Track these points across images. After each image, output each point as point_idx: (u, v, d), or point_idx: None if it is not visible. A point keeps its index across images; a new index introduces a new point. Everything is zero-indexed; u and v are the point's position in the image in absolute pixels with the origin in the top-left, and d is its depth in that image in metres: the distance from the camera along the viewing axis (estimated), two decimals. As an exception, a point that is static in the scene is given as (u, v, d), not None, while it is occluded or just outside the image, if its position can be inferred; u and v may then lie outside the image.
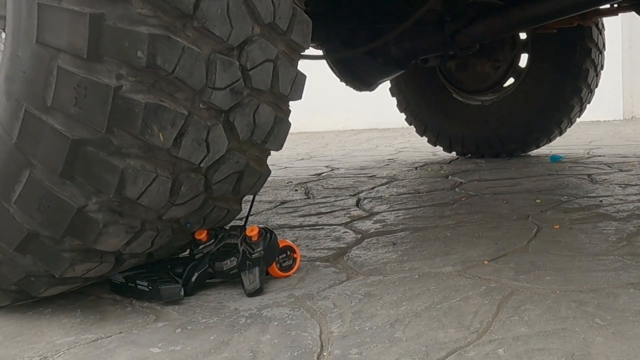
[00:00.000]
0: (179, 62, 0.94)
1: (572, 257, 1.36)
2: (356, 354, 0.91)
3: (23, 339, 1.06)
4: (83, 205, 0.99)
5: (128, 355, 0.96)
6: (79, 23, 0.90)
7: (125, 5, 0.90)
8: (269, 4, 1.04)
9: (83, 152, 0.95)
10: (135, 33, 0.90)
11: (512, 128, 3.48)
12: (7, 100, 0.98)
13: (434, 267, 1.35)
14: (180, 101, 0.97)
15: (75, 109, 0.93)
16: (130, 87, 0.92)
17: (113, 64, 0.91)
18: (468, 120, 3.62)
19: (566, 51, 3.23)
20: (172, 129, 0.97)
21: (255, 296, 1.18)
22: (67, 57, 0.91)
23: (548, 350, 0.88)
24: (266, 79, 1.08)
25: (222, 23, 0.97)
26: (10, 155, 0.99)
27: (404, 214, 2.01)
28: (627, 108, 7.74)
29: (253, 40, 1.03)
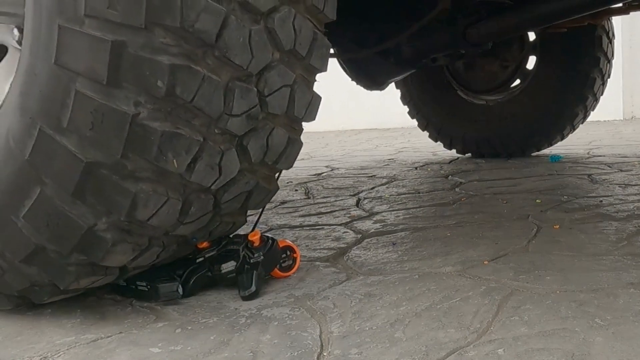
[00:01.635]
0: (198, 91, 0.93)
1: (572, 257, 1.36)
2: (356, 354, 0.91)
3: (23, 339, 1.06)
4: (92, 225, 0.99)
5: (128, 355, 0.96)
6: (100, 49, 0.88)
7: (148, 34, 0.88)
8: (290, 31, 1.02)
9: (96, 174, 0.95)
10: (157, 63, 0.89)
11: (514, 130, 3.48)
12: (21, 115, 0.98)
13: (434, 267, 1.35)
14: (196, 127, 0.96)
15: (91, 132, 0.92)
16: (148, 114, 0.92)
17: (132, 91, 0.90)
18: (470, 119, 3.61)
19: (575, 58, 3.21)
20: (186, 155, 0.96)
21: (250, 300, 1.17)
22: (86, 82, 0.90)
23: (548, 350, 0.88)
24: (282, 103, 1.07)
25: (243, 52, 0.96)
26: (20, 170, 0.99)
27: (404, 214, 2.01)
28: (627, 108, 7.74)
29: (272, 67, 1.02)
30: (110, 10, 0.88)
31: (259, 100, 1.02)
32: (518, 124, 3.45)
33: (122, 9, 0.88)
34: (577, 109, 3.34)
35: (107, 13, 0.88)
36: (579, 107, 3.33)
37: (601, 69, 3.24)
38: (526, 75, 3.44)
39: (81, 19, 0.89)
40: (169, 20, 0.88)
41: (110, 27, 0.88)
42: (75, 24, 0.89)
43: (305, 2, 1.05)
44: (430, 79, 3.68)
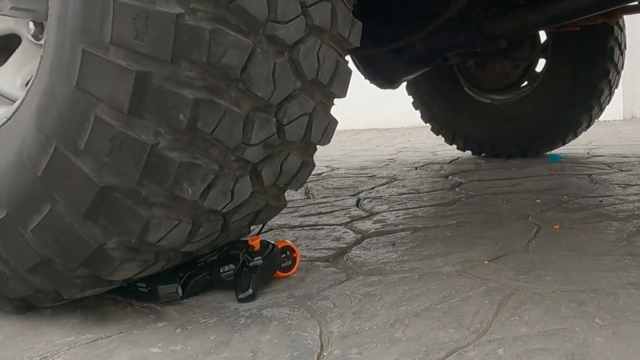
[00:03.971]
0: (219, 123, 0.92)
1: (572, 257, 1.36)
2: (356, 354, 0.91)
3: (23, 339, 1.06)
4: (102, 244, 0.99)
5: (128, 355, 0.96)
6: (124, 79, 0.87)
7: (174, 67, 0.87)
8: (314, 61, 1.02)
9: (110, 198, 0.94)
10: (180, 96, 0.88)
11: (516, 131, 3.47)
12: (37, 132, 0.97)
13: (434, 267, 1.35)
14: (213, 157, 0.96)
15: (108, 158, 0.91)
16: (167, 144, 0.91)
17: (153, 121, 0.89)
18: (475, 117, 3.60)
19: (585, 67, 3.19)
20: (201, 184, 0.96)
21: (246, 302, 1.16)
22: (107, 108, 0.89)
23: (548, 350, 0.88)
24: (300, 131, 1.06)
25: (267, 84, 0.95)
26: (32, 186, 0.98)
27: (404, 214, 2.01)
28: (627, 108, 7.74)
29: (293, 97, 1.02)
30: (137, 40, 0.86)
31: (277, 129, 1.01)
32: (522, 126, 3.44)
33: (149, 41, 0.86)
34: (582, 118, 3.34)
35: (133, 43, 0.86)
36: (584, 116, 3.33)
37: (610, 80, 3.23)
38: (534, 78, 3.43)
39: (106, 46, 0.87)
40: (195, 55, 0.87)
41: (135, 57, 0.87)
42: (100, 50, 0.88)
43: (331, 31, 1.04)
44: (437, 72, 3.66)
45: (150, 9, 0.85)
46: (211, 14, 0.87)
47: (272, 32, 0.93)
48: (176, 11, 0.85)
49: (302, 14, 0.97)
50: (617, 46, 3.18)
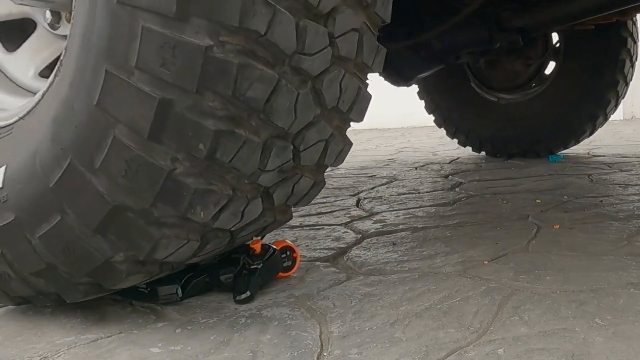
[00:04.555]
0: (237, 153, 0.92)
1: (572, 257, 1.36)
2: (356, 354, 0.91)
3: (23, 339, 1.06)
4: (109, 257, 0.99)
5: (128, 355, 0.96)
6: (146, 104, 0.86)
7: (197, 98, 0.86)
8: (336, 91, 1.01)
9: (121, 217, 0.94)
10: (202, 126, 0.87)
11: (519, 132, 3.47)
12: (52, 143, 0.96)
13: (434, 267, 1.35)
14: (228, 182, 0.95)
15: (123, 179, 0.91)
16: (183, 170, 0.90)
17: (172, 148, 0.89)
18: (479, 115, 3.59)
19: (594, 75, 3.19)
20: (214, 208, 0.96)
21: (243, 304, 1.16)
22: (126, 131, 0.88)
23: (548, 350, 0.88)
24: (315, 156, 1.06)
25: (288, 115, 0.94)
26: (43, 195, 0.97)
27: (404, 214, 2.01)
28: (627, 108, 7.75)
29: (312, 124, 1.01)
30: (162, 68, 0.85)
31: (293, 155, 1.01)
32: (524, 127, 3.44)
33: (175, 70, 0.85)
34: (585, 126, 3.35)
35: (159, 71, 0.85)
36: (588, 124, 3.34)
37: (618, 91, 3.23)
38: (543, 80, 3.42)
39: (131, 69, 0.86)
40: (221, 87, 0.86)
41: (159, 84, 0.86)
42: (124, 72, 0.87)
43: (356, 60, 1.03)
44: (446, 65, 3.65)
45: (179, 38, 0.84)
46: (240, 47, 0.85)
47: (298, 64, 0.92)
48: (205, 43, 0.84)
49: (330, 44, 0.95)
50: (628, 58, 3.17)
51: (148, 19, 0.84)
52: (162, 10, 0.83)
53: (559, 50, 3.34)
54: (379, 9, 1.03)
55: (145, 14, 0.84)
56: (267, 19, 0.85)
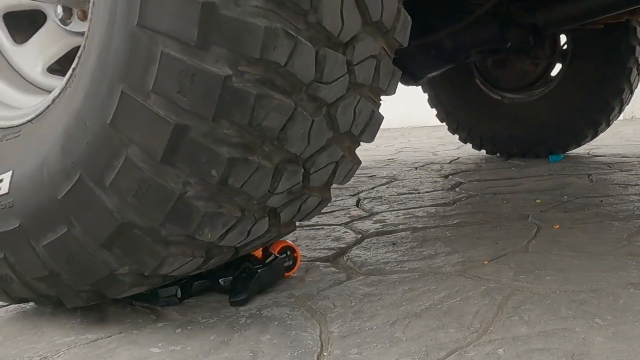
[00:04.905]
0: (249, 179, 0.92)
1: (572, 257, 1.36)
2: (356, 354, 0.91)
3: (23, 339, 1.06)
4: (114, 270, 0.99)
5: (128, 355, 0.96)
6: (161, 128, 0.86)
7: (213, 125, 0.85)
8: (350, 116, 1.00)
9: (129, 234, 0.94)
10: (216, 153, 0.87)
11: (522, 132, 3.47)
12: (62, 155, 0.95)
13: (434, 267, 1.35)
14: (237, 203, 0.95)
15: (133, 199, 0.91)
16: (194, 194, 0.90)
17: (184, 172, 0.88)
18: (482, 112, 3.58)
19: (600, 80, 3.18)
20: (222, 229, 0.96)
21: (237, 306, 1.15)
22: (139, 152, 0.88)
23: (548, 350, 0.88)
24: (324, 177, 1.06)
25: (301, 141, 0.94)
26: (50, 206, 0.97)
27: (404, 214, 2.01)
28: (628, 108, 7.72)
29: (324, 149, 1.01)
30: (179, 95, 0.84)
31: (303, 177, 1.01)
32: (527, 127, 3.44)
33: (192, 97, 0.84)
34: (587, 131, 3.35)
35: (176, 96, 0.84)
36: (590, 130, 3.34)
37: (622, 99, 3.23)
38: (549, 82, 3.42)
39: (147, 92, 0.85)
40: (237, 117, 0.86)
41: (175, 110, 0.85)
42: (140, 95, 0.86)
43: (371, 85, 1.03)
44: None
45: (198, 67, 0.83)
46: (259, 76, 0.85)
47: (314, 92, 0.91)
48: (224, 73, 0.83)
49: (347, 72, 0.95)
50: (635, 67, 3.17)
51: (168, 44, 0.83)
52: (183, 37, 0.82)
53: (566, 53, 3.33)
54: (397, 35, 1.02)
55: (166, 39, 0.83)
56: (288, 51, 0.84)
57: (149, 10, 0.84)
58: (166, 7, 0.82)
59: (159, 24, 0.83)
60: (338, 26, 0.89)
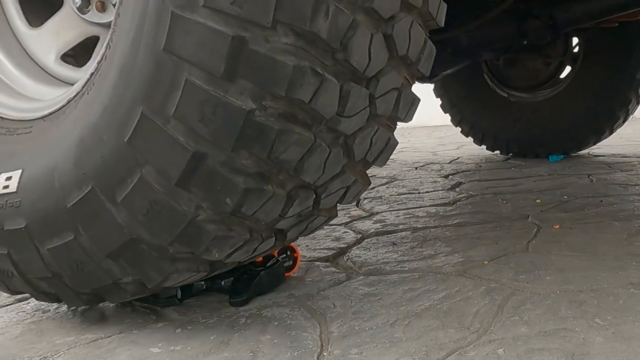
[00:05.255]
0: (262, 207, 0.92)
1: (572, 257, 1.36)
2: (356, 354, 0.91)
3: (23, 339, 1.06)
4: (118, 279, 0.99)
5: (128, 355, 0.96)
6: (179, 154, 0.85)
7: (232, 155, 0.85)
8: (366, 145, 1.00)
9: (137, 248, 0.94)
10: (232, 183, 0.87)
11: (523, 132, 3.46)
12: (74, 165, 0.94)
13: (434, 267, 1.35)
14: (247, 226, 0.95)
15: (144, 217, 0.90)
16: (205, 217, 0.90)
17: (198, 196, 0.88)
18: (486, 108, 3.57)
19: (608, 89, 3.18)
20: (229, 250, 0.97)
21: (237, 306, 1.15)
22: (153, 173, 0.87)
23: (548, 350, 0.88)
24: (334, 200, 1.06)
25: (316, 171, 0.94)
26: (58, 213, 0.96)
27: (404, 214, 2.01)
28: (627, 108, 7.72)
29: (337, 176, 1.00)
30: (200, 124, 0.83)
31: (314, 202, 1.01)
32: (529, 128, 3.44)
33: (213, 127, 0.83)
34: (590, 138, 3.36)
35: (196, 124, 0.83)
36: (593, 137, 3.35)
37: (628, 109, 3.23)
38: (556, 84, 3.41)
39: (168, 117, 0.84)
40: (257, 149, 0.85)
41: (195, 138, 0.84)
42: (160, 118, 0.85)
43: (390, 115, 1.02)
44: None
45: (222, 98, 0.82)
46: (282, 111, 0.84)
47: (334, 125, 0.91)
48: (248, 107, 0.82)
49: (369, 105, 0.94)
50: None
51: (193, 72, 0.82)
52: (209, 68, 0.81)
53: (577, 57, 3.33)
54: (422, 66, 1.02)
55: (191, 67, 0.82)
56: (314, 88, 0.84)
57: (176, 36, 0.82)
58: (195, 36, 0.81)
59: (186, 52, 0.82)
60: (365, 63, 0.88)
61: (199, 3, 0.80)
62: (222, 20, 0.80)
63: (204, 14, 0.80)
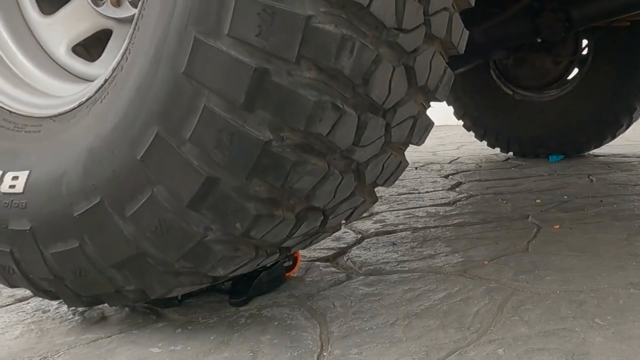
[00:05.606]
0: (271, 231, 0.92)
1: (572, 257, 1.36)
2: (356, 354, 0.91)
3: (23, 339, 1.06)
4: (120, 287, 0.99)
5: (128, 355, 0.96)
6: (192, 178, 0.85)
7: (245, 183, 0.85)
8: (378, 170, 1.00)
9: (142, 261, 0.94)
10: (243, 209, 0.87)
11: (525, 132, 3.46)
12: (84, 175, 0.93)
13: (434, 267, 1.35)
14: (253, 245, 0.95)
15: (152, 234, 0.90)
16: (214, 238, 0.90)
17: (208, 218, 0.88)
18: (491, 106, 3.57)
19: (614, 95, 3.18)
20: (234, 267, 0.98)
21: (237, 306, 1.16)
22: (165, 193, 0.87)
23: (548, 350, 0.88)
24: (340, 219, 1.07)
25: (327, 197, 0.94)
26: (64, 220, 0.96)
27: (404, 214, 2.01)
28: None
29: (347, 198, 1.00)
30: (216, 150, 0.83)
31: (320, 224, 1.01)
32: (532, 127, 3.44)
33: (228, 155, 0.83)
34: (591, 142, 3.37)
35: (211, 150, 0.83)
36: (594, 141, 3.36)
37: (632, 117, 3.24)
38: (562, 85, 3.41)
39: (183, 140, 0.84)
40: (271, 178, 0.85)
41: (209, 163, 0.84)
42: (175, 141, 0.84)
43: (405, 141, 1.02)
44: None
45: (240, 127, 0.81)
46: (298, 142, 0.84)
47: (349, 154, 0.90)
48: (266, 138, 0.81)
49: (385, 134, 0.94)
50: None
51: (212, 99, 0.81)
52: (229, 97, 0.80)
53: (585, 59, 3.32)
54: (439, 94, 1.02)
55: (211, 94, 0.81)
56: (333, 122, 0.83)
57: (198, 61, 0.81)
58: (217, 63, 0.80)
59: (207, 78, 0.81)
60: (385, 95, 0.88)
61: (223, 31, 0.79)
62: (245, 51, 0.79)
63: (228, 43, 0.79)
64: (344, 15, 0.79)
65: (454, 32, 0.98)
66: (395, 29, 0.83)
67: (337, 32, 0.78)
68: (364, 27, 0.81)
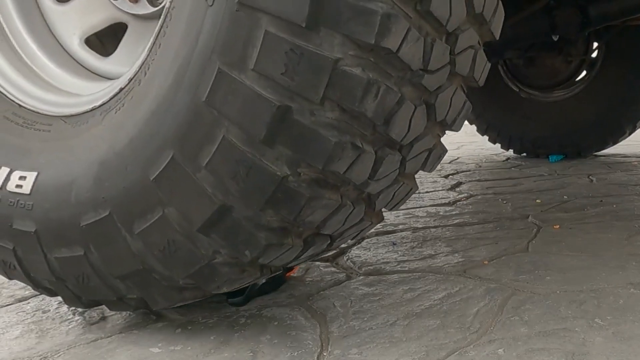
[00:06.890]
0: (278, 257, 0.92)
1: (572, 257, 1.36)
2: (356, 354, 0.91)
3: (23, 339, 1.06)
4: (122, 295, 0.99)
5: (128, 355, 0.96)
6: (205, 204, 0.85)
7: (258, 214, 0.85)
8: (388, 198, 1.00)
9: (147, 276, 0.94)
10: (255, 239, 0.87)
11: (527, 131, 3.46)
12: (94, 186, 0.93)
13: (434, 267, 1.35)
14: (259, 266, 0.95)
15: (160, 254, 0.90)
16: (222, 260, 0.90)
17: (217, 243, 0.88)
18: (495, 102, 3.56)
19: (620, 101, 3.18)
20: (237, 286, 0.98)
21: (235, 306, 1.16)
22: (175, 215, 0.87)
23: (548, 350, 0.88)
24: (344, 241, 1.07)
25: (336, 225, 0.94)
26: (71, 227, 0.95)
27: (404, 214, 2.01)
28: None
29: (355, 225, 1.00)
30: (232, 180, 0.83)
31: (327, 245, 1.01)
32: (537, 127, 3.43)
33: (244, 187, 0.83)
34: (592, 147, 3.37)
35: (227, 181, 0.83)
36: (596, 145, 3.36)
37: (635, 125, 3.23)
38: (571, 87, 3.41)
39: (199, 167, 0.83)
40: (284, 212, 0.85)
41: (224, 191, 0.84)
42: (190, 166, 0.84)
43: (414, 172, 1.02)
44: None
45: (257, 161, 0.81)
46: (314, 177, 0.84)
47: (362, 187, 0.91)
48: (283, 173, 0.82)
49: (399, 167, 0.94)
50: None
51: (231, 131, 0.81)
52: (250, 131, 0.80)
53: (595, 62, 3.32)
54: (456, 126, 1.02)
55: (231, 126, 0.81)
56: (351, 161, 0.83)
57: (220, 92, 0.81)
58: (239, 96, 0.80)
59: (227, 109, 0.80)
60: (404, 133, 0.88)
61: (248, 65, 0.78)
62: (269, 87, 0.78)
63: (252, 77, 0.78)
64: (372, 58, 0.78)
65: (477, 68, 0.98)
66: (421, 70, 0.83)
67: (363, 77, 0.78)
68: (390, 69, 0.80)
